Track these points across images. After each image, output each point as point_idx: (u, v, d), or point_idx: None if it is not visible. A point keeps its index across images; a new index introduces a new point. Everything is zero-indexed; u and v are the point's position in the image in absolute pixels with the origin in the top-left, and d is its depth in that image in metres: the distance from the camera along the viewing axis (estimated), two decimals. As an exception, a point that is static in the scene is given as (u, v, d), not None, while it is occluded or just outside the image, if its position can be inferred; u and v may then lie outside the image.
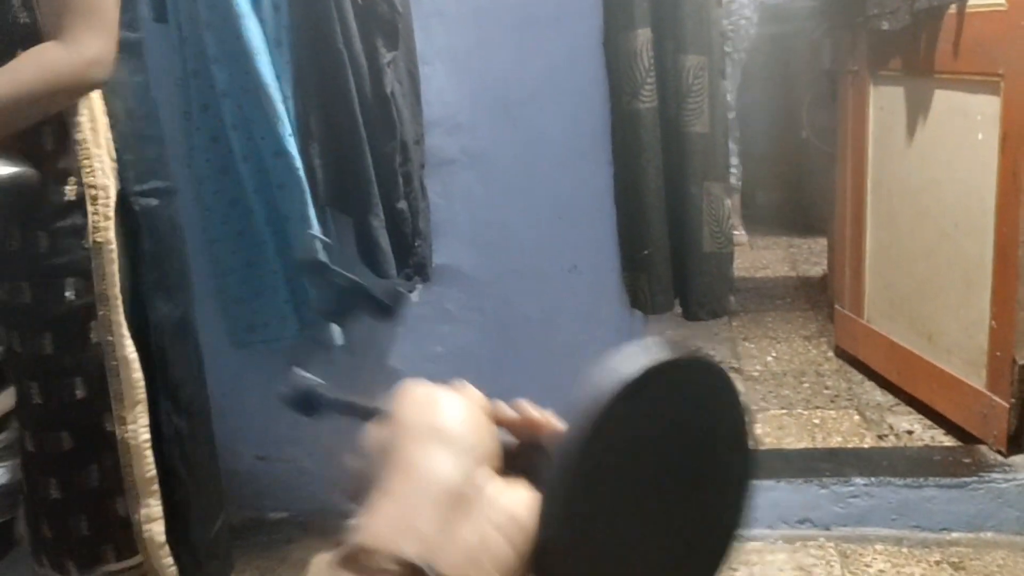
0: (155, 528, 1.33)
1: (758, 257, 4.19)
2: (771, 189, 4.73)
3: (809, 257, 4.09)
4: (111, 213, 1.24)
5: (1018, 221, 2.02)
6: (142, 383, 1.28)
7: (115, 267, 1.24)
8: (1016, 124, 2.00)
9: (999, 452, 2.15)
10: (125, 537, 1.31)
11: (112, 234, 1.24)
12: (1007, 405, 2.11)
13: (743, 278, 3.86)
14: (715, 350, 3.12)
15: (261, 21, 1.80)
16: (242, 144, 1.85)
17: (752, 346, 3.15)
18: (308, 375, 0.57)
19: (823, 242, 3.70)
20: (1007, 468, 2.11)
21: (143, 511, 1.31)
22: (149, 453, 1.29)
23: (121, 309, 1.24)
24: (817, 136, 4.03)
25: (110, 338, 1.25)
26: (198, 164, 1.87)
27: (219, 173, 1.88)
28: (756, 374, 2.92)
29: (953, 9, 2.17)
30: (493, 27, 1.96)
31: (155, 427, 1.32)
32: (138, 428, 1.29)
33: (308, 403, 0.57)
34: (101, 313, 1.24)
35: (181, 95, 1.87)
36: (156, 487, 1.31)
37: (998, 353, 2.14)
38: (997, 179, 2.08)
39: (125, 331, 1.25)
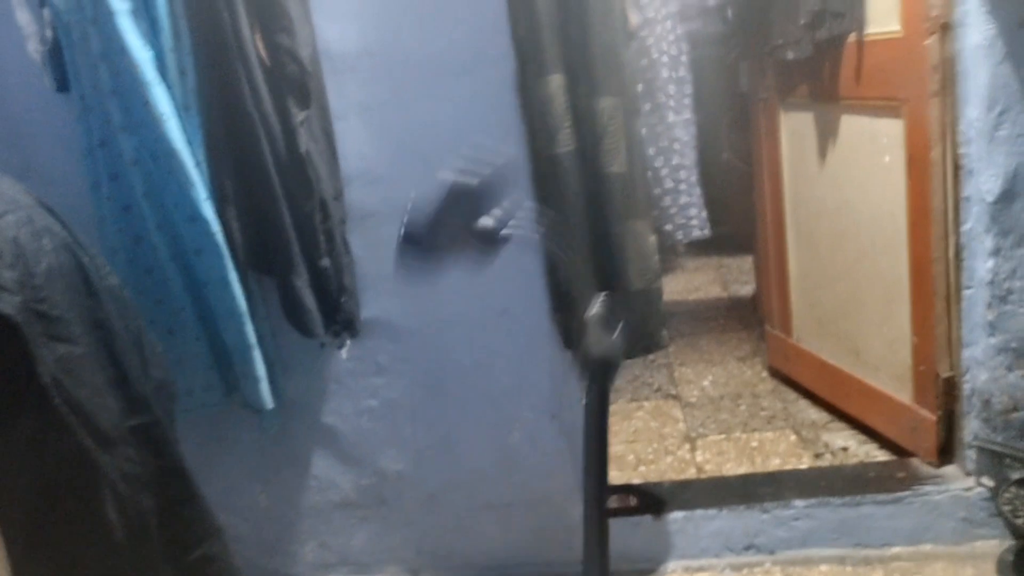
0: None
1: (690, 279, 4.25)
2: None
3: (739, 276, 4.16)
4: None
5: (930, 240, 2.08)
6: None
7: None
8: (920, 146, 2.06)
9: (930, 464, 2.20)
10: None
11: None
12: (934, 418, 2.17)
13: (676, 301, 3.91)
14: (652, 377, 3.15)
15: (168, 86, 1.76)
16: (155, 212, 1.81)
17: (689, 371, 3.18)
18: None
19: (751, 260, 3.77)
20: (939, 480, 2.16)
21: None
22: None
23: None
24: (738, 157, 4.12)
25: None
26: (109, 235, 1.82)
27: (132, 242, 1.83)
28: (694, 400, 2.94)
29: (853, 37, 2.25)
30: (407, 80, 1.96)
31: None
32: None
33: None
34: None
35: (88, 166, 1.82)
36: None
37: (921, 367, 2.20)
38: (907, 200, 2.15)
39: None
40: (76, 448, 1.27)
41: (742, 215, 3.97)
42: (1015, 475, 1.98)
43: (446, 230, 0.87)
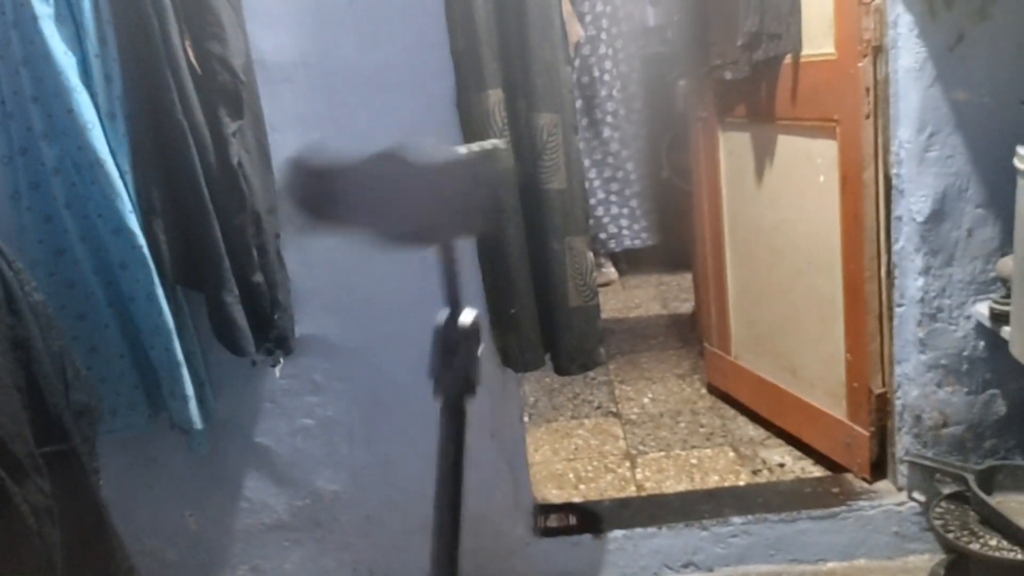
0: None
1: (630, 296, 4.27)
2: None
3: (679, 294, 4.19)
4: None
5: (863, 259, 2.12)
6: None
7: None
8: (853, 167, 2.10)
9: (864, 479, 2.23)
10: None
11: None
12: (867, 434, 2.20)
13: (617, 319, 3.92)
14: (593, 395, 3.14)
15: (92, 93, 1.69)
16: (78, 223, 1.73)
17: (629, 388, 3.18)
18: None
19: (691, 277, 3.80)
20: (872, 495, 2.18)
21: None
22: None
23: None
24: (677, 176, 4.17)
25: None
26: (29, 246, 1.74)
27: (53, 255, 1.75)
28: (635, 417, 2.94)
29: (789, 59, 2.29)
30: (345, 92, 1.93)
31: None
32: None
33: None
34: None
35: (8, 175, 1.74)
36: None
37: (855, 384, 2.23)
38: (841, 219, 2.18)
39: None
40: None
41: (682, 232, 4.02)
42: (945, 490, 2.01)
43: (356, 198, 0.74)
